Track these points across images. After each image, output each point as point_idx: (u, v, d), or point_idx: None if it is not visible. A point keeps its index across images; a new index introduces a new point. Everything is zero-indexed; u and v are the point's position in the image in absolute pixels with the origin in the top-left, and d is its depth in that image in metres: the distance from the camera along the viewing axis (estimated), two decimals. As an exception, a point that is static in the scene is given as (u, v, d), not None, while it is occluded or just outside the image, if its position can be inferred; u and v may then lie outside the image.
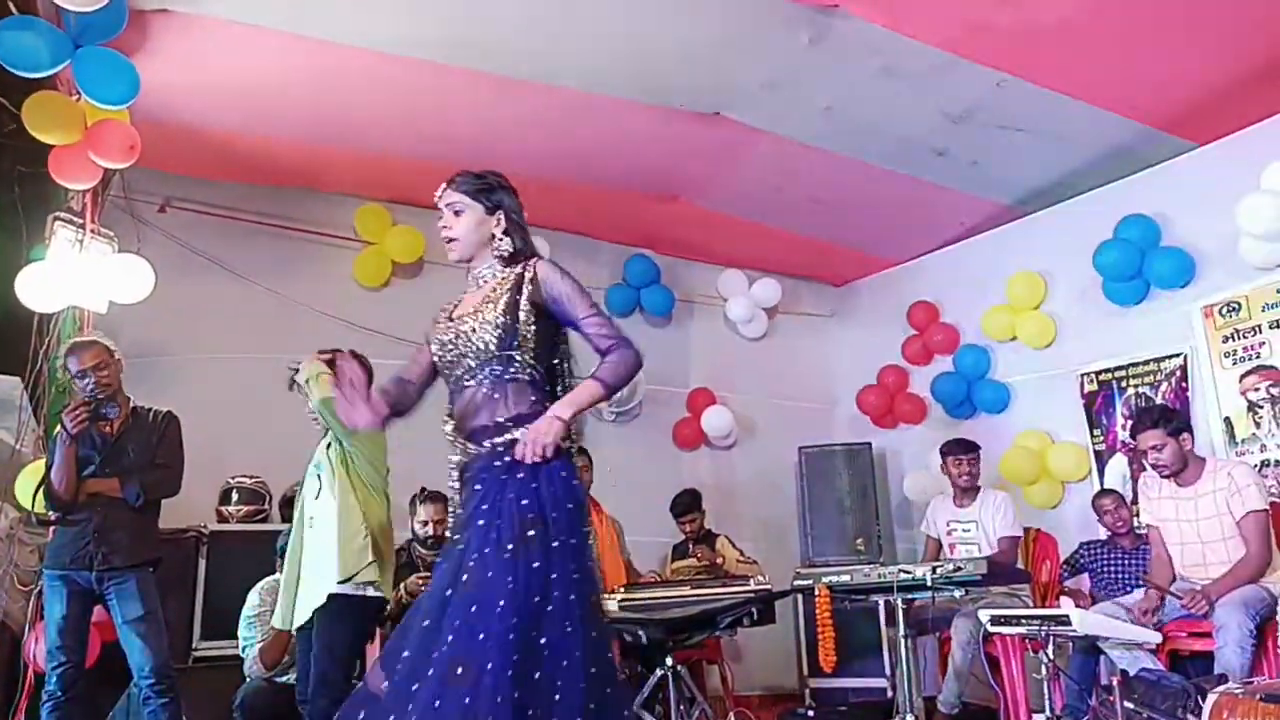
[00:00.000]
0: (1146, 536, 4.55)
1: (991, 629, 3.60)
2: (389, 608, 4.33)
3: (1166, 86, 4.65)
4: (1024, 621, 3.44)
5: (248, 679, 3.82)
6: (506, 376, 2.32)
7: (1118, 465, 5.15)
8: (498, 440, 2.27)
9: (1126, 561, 4.55)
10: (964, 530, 4.59)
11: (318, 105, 4.60)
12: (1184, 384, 4.88)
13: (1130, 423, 4.47)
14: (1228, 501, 3.66)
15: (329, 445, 3.53)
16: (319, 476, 3.54)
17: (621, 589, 4.18)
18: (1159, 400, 4.93)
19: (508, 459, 2.24)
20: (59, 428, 3.56)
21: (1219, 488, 3.70)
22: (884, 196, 5.66)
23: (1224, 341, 4.70)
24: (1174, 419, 3.90)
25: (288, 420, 4.96)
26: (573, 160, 5.28)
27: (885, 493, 6.35)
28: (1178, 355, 4.93)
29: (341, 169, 5.31)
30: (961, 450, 4.78)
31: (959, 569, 3.73)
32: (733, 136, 5.00)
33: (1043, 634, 3.33)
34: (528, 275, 2.38)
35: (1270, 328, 4.53)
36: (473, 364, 2.35)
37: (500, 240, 2.43)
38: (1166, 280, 4.96)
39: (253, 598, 3.89)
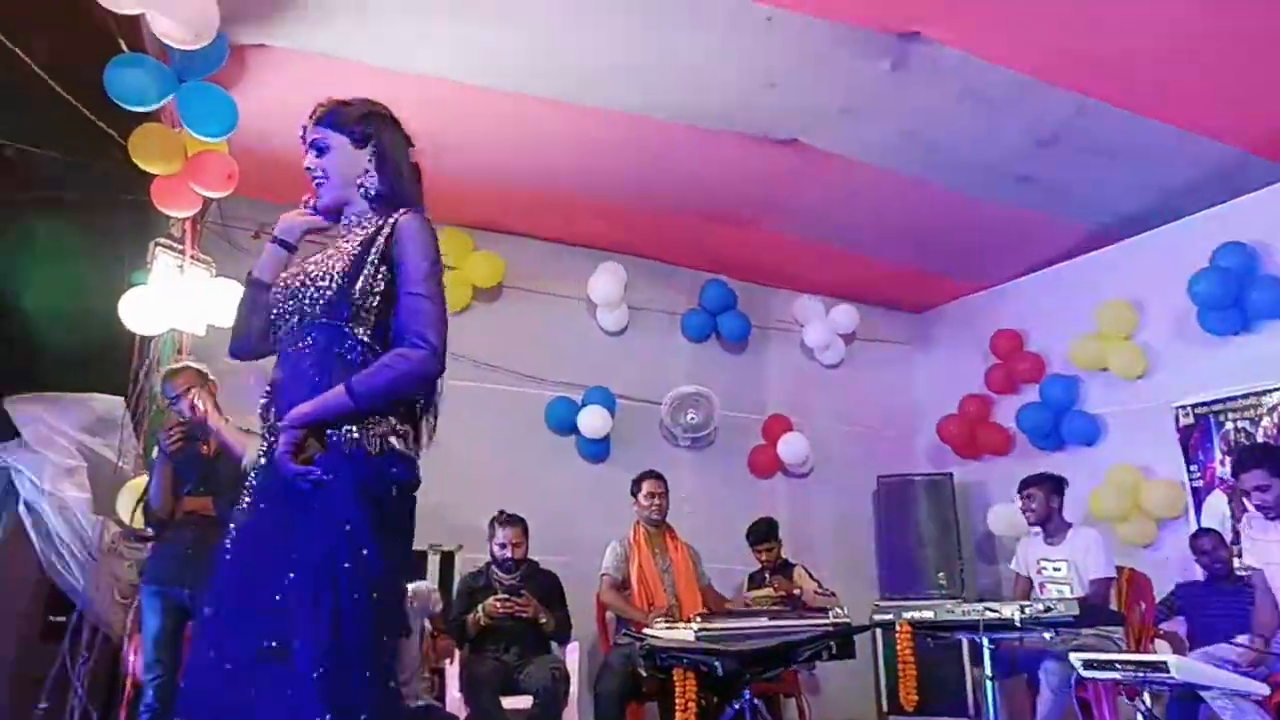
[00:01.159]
0: (1248, 579, 4.35)
1: (1084, 674, 3.46)
2: (469, 629, 4.39)
3: (1263, 109, 4.48)
4: (1119, 666, 3.31)
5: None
6: (335, 351, 1.91)
7: (1216, 503, 4.93)
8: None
9: (1227, 605, 4.34)
10: (1054, 569, 4.43)
11: (405, 134, 4.72)
12: (1289, 419, 4.67)
13: (1231, 460, 4.28)
14: (1341, 546, 3.47)
15: None
16: None
17: (698, 618, 4.13)
18: (1260, 436, 4.71)
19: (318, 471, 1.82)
20: (156, 447, 3.69)
21: (1331, 530, 3.51)
22: (965, 222, 5.56)
23: (1332, 374, 4.49)
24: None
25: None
26: (649, 186, 5.31)
27: (968, 525, 6.19)
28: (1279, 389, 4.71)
29: (426, 195, 5.43)
30: (1024, 485, 4.63)
31: (1049, 609, 3.60)
32: (810, 162, 4.98)
33: (1138, 681, 3.18)
34: (386, 229, 1.96)
35: (1382, 361, 4.32)
36: (296, 325, 1.96)
37: (369, 177, 2.04)
38: (1266, 310, 4.76)
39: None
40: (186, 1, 3.14)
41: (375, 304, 1.92)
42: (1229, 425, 4.93)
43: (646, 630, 4.10)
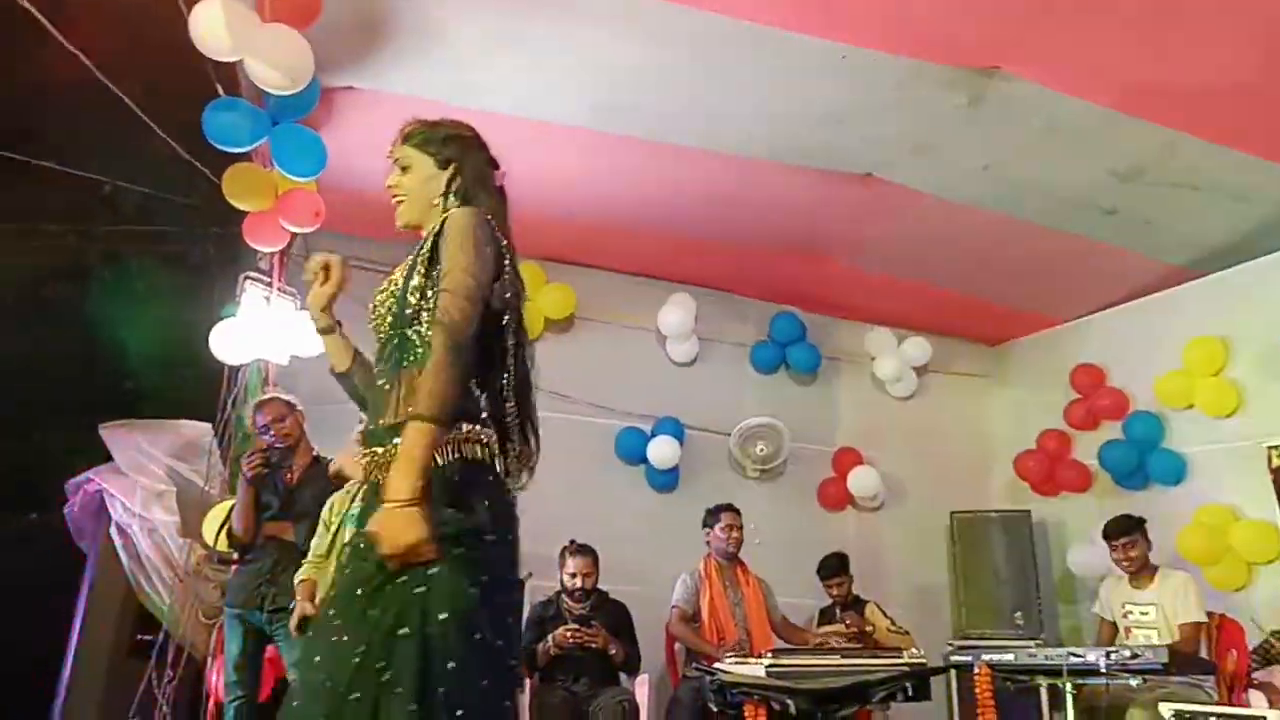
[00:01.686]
0: (1350, 628, 4.16)
1: (1175, 725, 3.34)
2: (538, 658, 4.41)
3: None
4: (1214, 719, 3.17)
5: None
6: (405, 360, 1.81)
7: (1313, 547, 4.72)
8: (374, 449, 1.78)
9: (1326, 655, 4.15)
10: (1141, 613, 4.28)
11: (482, 169, 4.83)
12: (1391, 460, 4.45)
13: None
14: None
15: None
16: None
17: (769, 654, 4.09)
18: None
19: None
20: (239, 473, 3.80)
21: None
22: (1045, 255, 5.46)
23: None
24: None
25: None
26: (721, 219, 5.33)
27: (1046, 564, 6.02)
28: (1380, 430, 4.51)
29: (501, 226, 5.55)
30: (1117, 534, 4.47)
31: (1136, 655, 3.48)
32: (884, 196, 4.95)
33: (1235, 735, 3.05)
34: (436, 227, 1.88)
35: None
36: (379, 347, 1.91)
37: (447, 200, 1.98)
38: (1365, 347, 4.56)
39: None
40: (284, 50, 3.27)
41: (434, 303, 1.80)
42: (1326, 467, 4.72)
43: (717, 665, 4.07)
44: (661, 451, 5.71)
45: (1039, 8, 3.62)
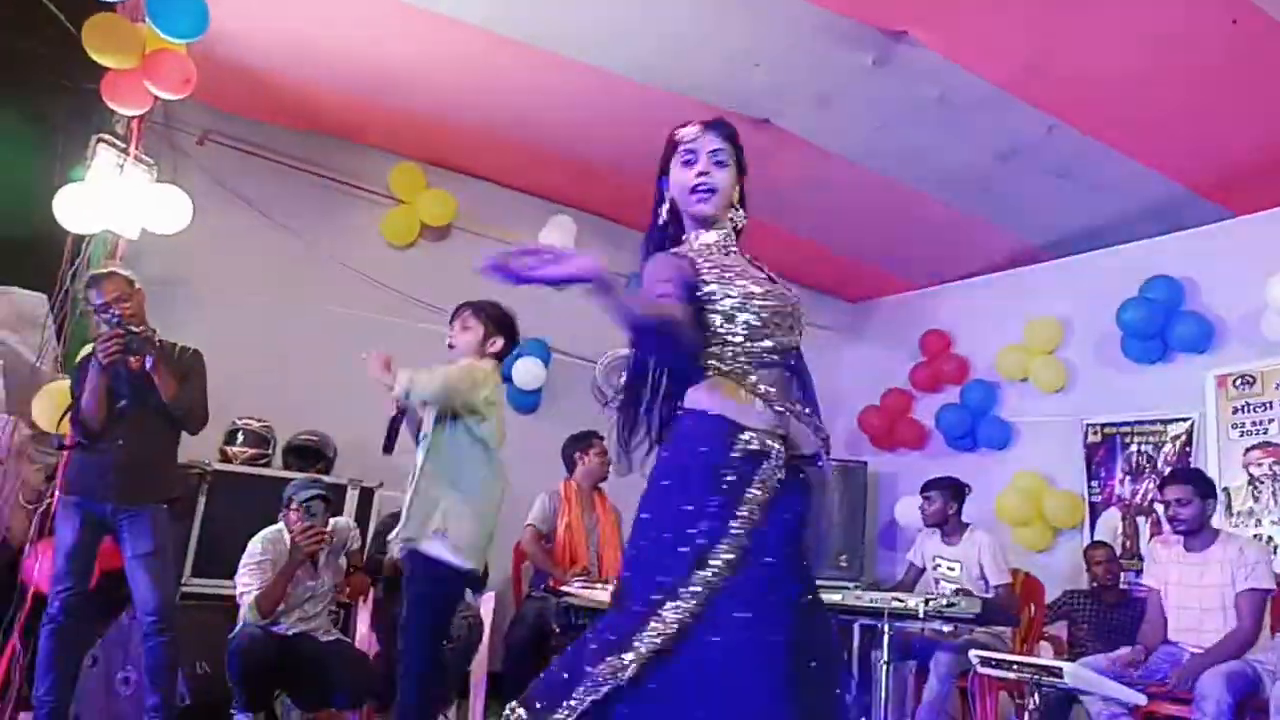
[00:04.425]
0: (1130, 593, 4.64)
1: (981, 669, 3.66)
2: (385, 568, 4.37)
3: (1212, 151, 4.70)
4: (1015, 667, 3.50)
5: (242, 624, 3.78)
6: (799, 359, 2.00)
7: (1110, 519, 5.22)
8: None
9: (1107, 615, 4.63)
10: (949, 567, 4.63)
11: (367, 58, 4.55)
12: (1188, 449, 4.95)
13: (1158, 477, 4.64)
14: (1233, 574, 3.67)
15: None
16: None
17: (616, 580, 4.19)
18: (1161, 462, 5.01)
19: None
20: (91, 357, 3.47)
21: (1228, 558, 3.70)
22: (915, 221, 5.69)
23: (1234, 413, 4.76)
24: (1207, 484, 3.90)
25: (301, 369, 4.97)
26: (613, 144, 5.23)
27: (874, 513, 6.41)
28: (1186, 420, 4.99)
29: (381, 123, 5.28)
30: (926, 487, 4.84)
31: (952, 605, 3.77)
32: (774, 143, 4.98)
33: (1031, 683, 3.38)
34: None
35: (1282, 405, 4.60)
36: (794, 337, 2.00)
37: (738, 213, 2.10)
38: (1185, 344, 5.02)
39: (254, 546, 3.84)
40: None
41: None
42: (1133, 447, 5.21)
43: (564, 587, 4.15)
44: (527, 372, 5.68)
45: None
